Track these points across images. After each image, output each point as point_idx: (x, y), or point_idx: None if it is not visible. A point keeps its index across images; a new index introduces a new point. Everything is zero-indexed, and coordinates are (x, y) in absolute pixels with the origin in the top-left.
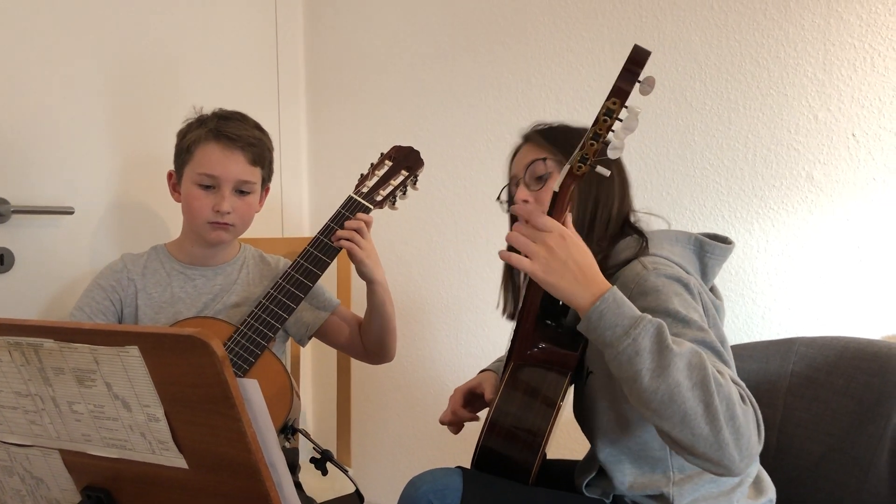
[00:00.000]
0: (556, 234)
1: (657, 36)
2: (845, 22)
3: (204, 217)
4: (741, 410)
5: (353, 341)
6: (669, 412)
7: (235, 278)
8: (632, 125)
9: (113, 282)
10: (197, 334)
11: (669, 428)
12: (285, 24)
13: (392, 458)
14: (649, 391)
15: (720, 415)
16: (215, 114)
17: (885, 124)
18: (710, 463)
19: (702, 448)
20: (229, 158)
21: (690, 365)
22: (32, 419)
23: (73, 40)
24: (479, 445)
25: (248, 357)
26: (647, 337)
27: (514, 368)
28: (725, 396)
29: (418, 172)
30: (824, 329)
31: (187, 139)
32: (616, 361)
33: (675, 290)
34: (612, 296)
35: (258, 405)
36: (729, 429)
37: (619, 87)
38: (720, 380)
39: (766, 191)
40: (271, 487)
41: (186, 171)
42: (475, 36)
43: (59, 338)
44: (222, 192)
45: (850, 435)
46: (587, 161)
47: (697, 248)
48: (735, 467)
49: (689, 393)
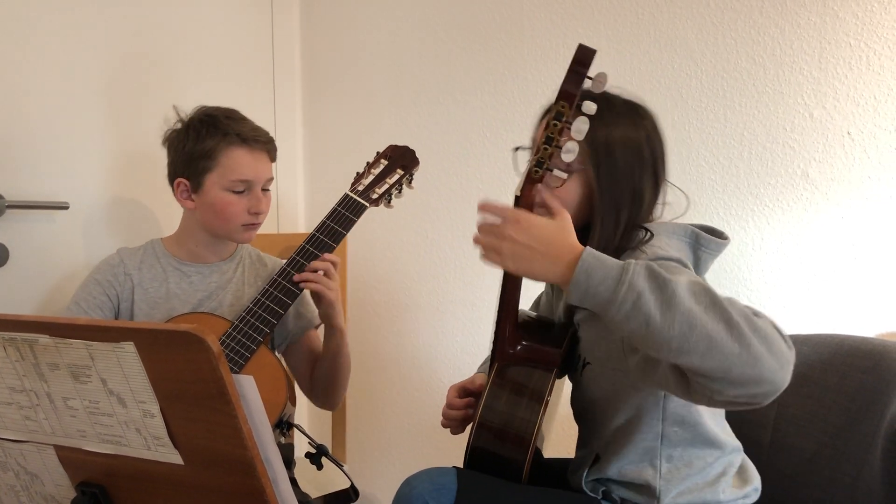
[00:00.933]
0: (511, 220)
1: (654, 33)
2: (841, 20)
3: (240, 220)
4: (760, 321)
5: (305, 375)
6: (693, 342)
7: (231, 276)
8: (582, 127)
9: (110, 276)
10: (193, 330)
11: (699, 361)
12: (281, 21)
13: (387, 455)
14: (665, 328)
15: (744, 328)
16: (220, 116)
17: (881, 122)
18: (751, 384)
19: (738, 369)
20: (258, 160)
21: (694, 291)
22: (27, 415)
23: (69, 35)
24: (470, 446)
25: (243, 352)
26: (641, 277)
27: (498, 368)
28: (741, 310)
29: (413, 171)
30: (819, 326)
31: (205, 147)
32: (620, 314)
33: (675, 268)
34: (589, 254)
35: (254, 401)
36: (758, 339)
37: (565, 89)
38: (727, 298)
39: (761, 188)
40: (267, 483)
41: (212, 178)
42: (471, 33)
43: (55, 333)
44: (255, 193)
45: (844, 432)
46: (543, 166)
47: (693, 240)
48: (778, 378)
49: (704, 316)
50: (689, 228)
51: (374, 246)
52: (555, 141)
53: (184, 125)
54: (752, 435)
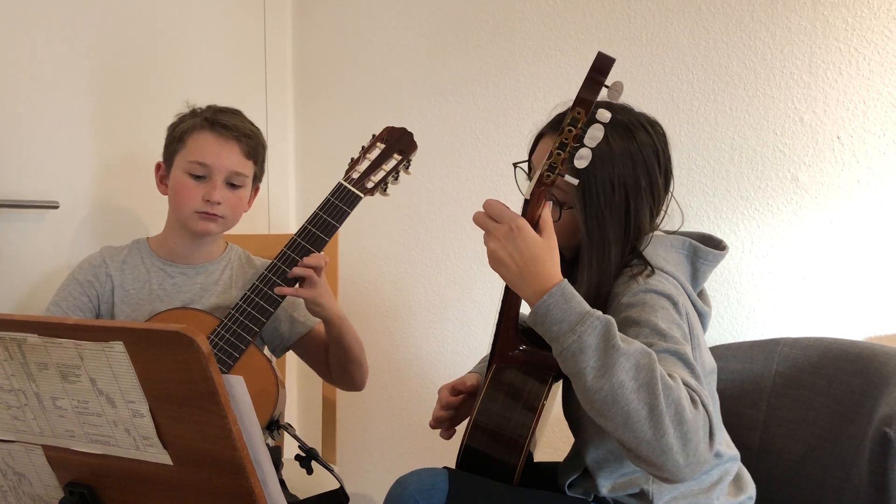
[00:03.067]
0: (507, 226)
1: (645, 36)
2: (831, 25)
3: (192, 206)
4: (691, 415)
5: (322, 364)
6: (612, 412)
7: (217, 279)
8: (596, 134)
9: (90, 276)
10: (183, 330)
11: (612, 428)
12: (273, 19)
13: (377, 456)
14: (592, 390)
15: (665, 419)
16: (210, 106)
17: (870, 127)
18: (653, 467)
19: (644, 451)
20: (223, 148)
21: (638, 366)
22: (15, 414)
23: (59, 34)
24: (463, 446)
25: (232, 352)
26: (594, 334)
27: (496, 370)
28: (674, 400)
29: (411, 156)
30: (808, 330)
31: (179, 129)
32: (561, 357)
33: (660, 305)
34: (560, 290)
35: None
36: (675, 433)
37: (582, 96)
38: (669, 382)
39: (751, 192)
40: (256, 484)
41: (177, 160)
42: (464, 33)
43: (44, 332)
44: (214, 181)
45: (832, 435)
46: (555, 170)
47: (691, 253)
48: (680, 473)
49: (632, 395)
50: (686, 241)
51: (365, 246)
52: (568, 146)
53: (182, 114)
54: (741, 438)
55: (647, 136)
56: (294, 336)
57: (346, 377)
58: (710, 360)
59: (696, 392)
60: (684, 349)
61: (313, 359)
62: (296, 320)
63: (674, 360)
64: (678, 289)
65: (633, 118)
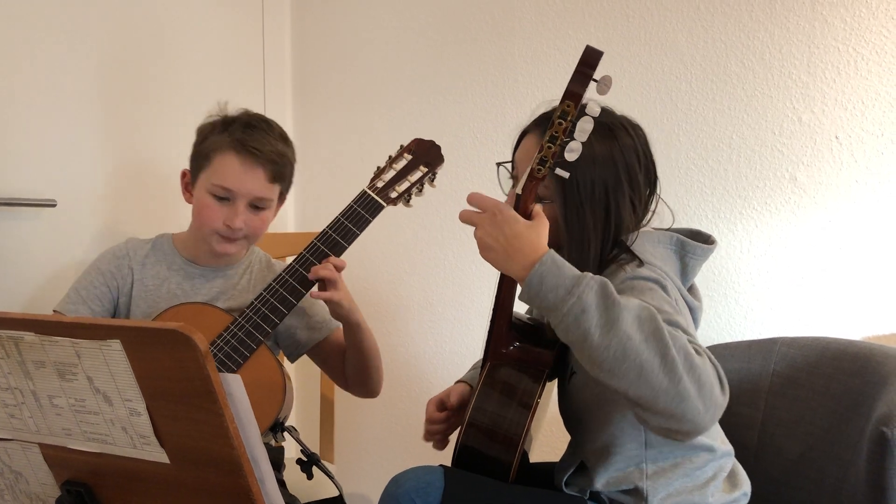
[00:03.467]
0: (490, 212)
1: (644, 36)
2: (830, 25)
3: (213, 228)
4: (700, 361)
5: (338, 371)
6: (624, 368)
7: (236, 282)
8: (586, 127)
9: (113, 268)
10: (180, 329)
11: (626, 386)
12: (272, 21)
13: (375, 454)
14: (601, 348)
15: (678, 364)
16: (240, 120)
17: (868, 127)
18: (673, 419)
19: (663, 402)
20: (248, 174)
21: (640, 318)
22: (12, 413)
23: (57, 31)
24: (459, 444)
25: (242, 350)
26: (592, 293)
27: (490, 368)
28: (682, 346)
29: (437, 169)
30: (806, 329)
31: (207, 144)
32: (563, 324)
33: (648, 287)
34: (550, 258)
35: (241, 400)
36: (689, 378)
37: (571, 89)
38: (673, 332)
39: (749, 191)
40: (253, 483)
41: (202, 178)
42: (462, 32)
43: (40, 331)
44: (236, 206)
45: (830, 435)
46: (546, 163)
47: (679, 248)
48: (700, 420)
49: (642, 345)
50: (674, 236)
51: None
52: (559, 140)
53: (213, 122)
54: (738, 437)
55: (629, 138)
56: (311, 341)
57: (362, 383)
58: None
59: (697, 345)
60: (676, 317)
61: (329, 364)
62: (313, 326)
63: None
64: (666, 278)
65: (615, 120)
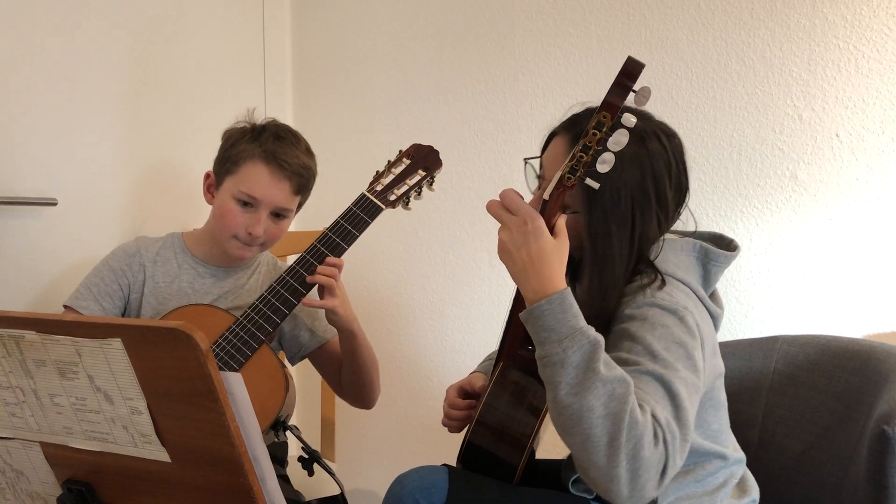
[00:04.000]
0: (522, 220)
1: (644, 34)
2: (830, 23)
3: (233, 233)
4: (648, 453)
5: (336, 380)
6: (574, 430)
7: (245, 283)
8: (621, 139)
9: (124, 265)
10: (181, 327)
11: (570, 444)
12: (272, 20)
13: (377, 454)
14: (562, 405)
15: (622, 452)
16: (270, 130)
17: (869, 125)
18: (598, 489)
19: (593, 474)
20: (275, 185)
21: (612, 394)
22: (13, 411)
23: (57, 30)
24: (466, 441)
25: (244, 349)
26: (578, 353)
27: (503, 368)
28: (636, 436)
29: (436, 173)
30: (807, 327)
31: (236, 150)
32: (541, 362)
33: (662, 322)
34: (560, 298)
35: (242, 399)
36: (627, 466)
37: (609, 100)
38: (637, 416)
39: (750, 189)
40: (254, 482)
41: (228, 182)
42: (463, 33)
43: (41, 329)
44: (259, 214)
45: (831, 433)
46: (577, 173)
47: (701, 255)
48: (621, 501)
49: (598, 420)
50: (696, 244)
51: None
52: (592, 150)
53: (242, 128)
54: (740, 435)
55: (660, 146)
56: (313, 345)
57: (356, 394)
58: (718, 365)
59: (662, 429)
60: (671, 375)
61: (328, 371)
62: (316, 329)
63: (655, 385)
64: (689, 297)
65: (649, 126)
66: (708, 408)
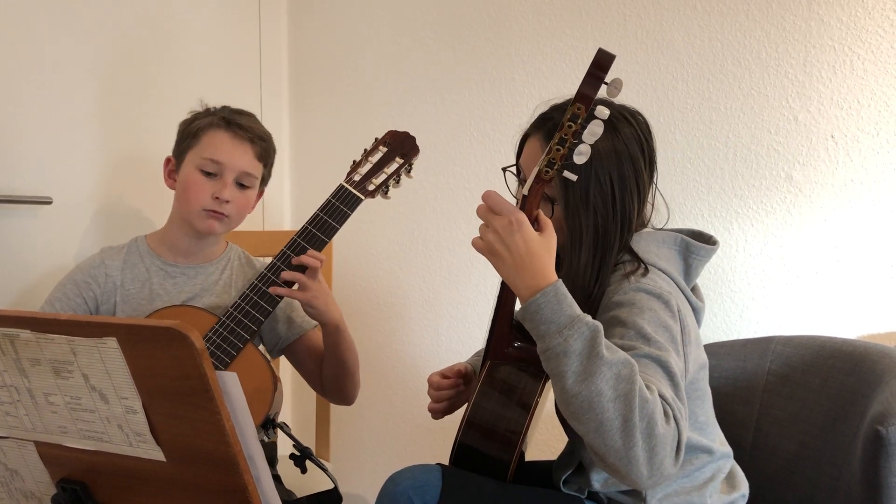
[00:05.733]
0: (507, 219)
1: (640, 35)
2: (826, 25)
3: (201, 203)
4: (662, 430)
5: (314, 374)
6: (586, 418)
7: (217, 279)
8: (596, 130)
9: (88, 278)
10: (176, 326)
11: (584, 432)
12: (268, 18)
13: (371, 453)
14: (570, 394)
15: (637, 431)
16: (225, 107)
17: (864, 126)
18: (617, 474)
19: (611, 459)
20: (238, 148)
21: (618, 376)
22: (7, 410)
23: (55, 30)
24: (457, 443)
25: (229, 350)
26: (580, 340)
27: (490, 367)
28: (648, 413)
29: (413, 160)
30: (801, 328)
31: (194, 125)
32: (544, 356)
33: (649, 306)
34: (553, 290)
35: (237, 398)
36: (644, 446)
37: (583, 92)
38: (646, 395)
39: (745, 190)
40: (249, 480)
41: (189, 156)
42: (459, 32)
43: (36, 328)
44: (224, 179)
45: (825, 433)
46: (554, 166)
47: (682, 248)
48: (642, 483)
49: (609, 404)
50: (677, 237)
51: (359, 244)
52: (568, 142)
53: (197, 111)
54: (734, 436)
55: (631, 129)
56: (290, 337)
57: (337, 390)
58: (702, 356)
59: (671, 406)
60: (666, 356)
61: (305, 367)
62: (293, 321)
63: (654, 366)
64: (671, 285)
65: (614, 111)
66: (694, 399)
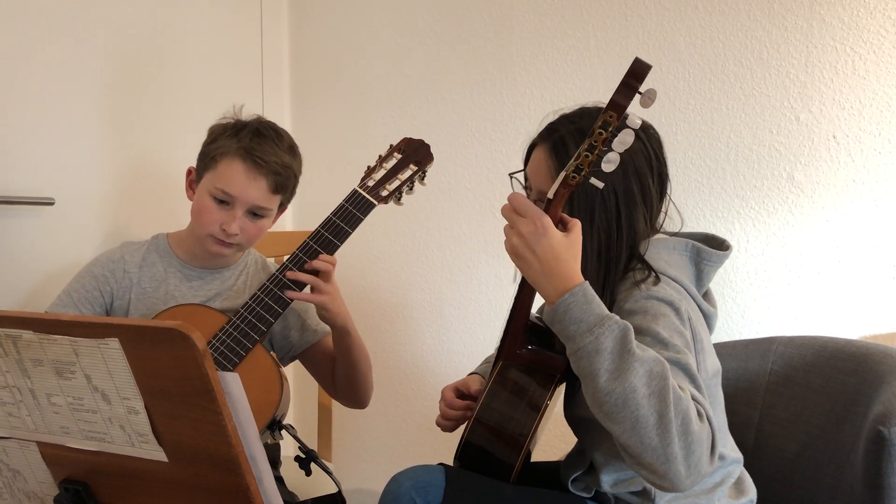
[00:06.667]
0: (531, 221)
1: (642, 35)
2: (828, 24)
3: (209, 230)
4: (697, 427)
5: (328, 379)
6: (621, 416)
7: (233, 284)
8: (626, 139)
9: (107, 272)
10: (178, 327)
11: (619, 432)
12: (270, 19)
13: (374, 453)
14: (604, 392)
15: (673, 427)
16: (251, 127)
17: (865, 126)
18: (655, 475)
19: (648, 458)
20: (251, 183)
21: (651, 373)
22: (10, 411)
23: (57, 30)
24: (464, 440)
25: (238, 350)
26: (611, 337)
27: (502, 367)
28: (682, 410)
29: (427, 167)
30: (803, 329)
31: (215, 147)
32: (576, 357)
33: (661, 312)
34: (582, 291)
35: (239, 399)
36: (680, 443)
37: (616, 100)
38: (679, 393)
39: (747, 191)
40: (251, 481)
41: (206, 179)
42: (460, 31)
43: (39, 329)
44: (234, 212)
45: (827, 433)
46: (581, 172)
47: (694, 255)
48: (680, 483)
49: (644, 400)
50: (689, 243)
51: (362, 245)
52: (597, 149)
53: (225, 124)
54: (736, 436)
55: (639, 143)
56: (304, 344)
57: (350, 393)
58: (714, 363)
59: (702, 406)
60: (686, 359)
61: (319, 371)
62: (307, 328)
63: (676, 369)
64: (681, 293)
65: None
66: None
